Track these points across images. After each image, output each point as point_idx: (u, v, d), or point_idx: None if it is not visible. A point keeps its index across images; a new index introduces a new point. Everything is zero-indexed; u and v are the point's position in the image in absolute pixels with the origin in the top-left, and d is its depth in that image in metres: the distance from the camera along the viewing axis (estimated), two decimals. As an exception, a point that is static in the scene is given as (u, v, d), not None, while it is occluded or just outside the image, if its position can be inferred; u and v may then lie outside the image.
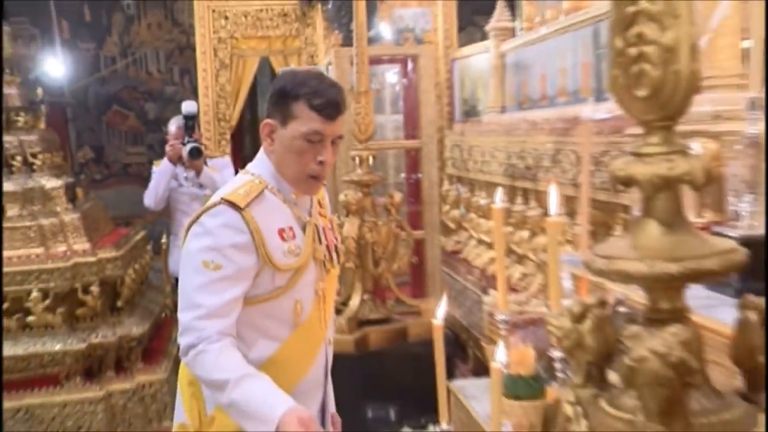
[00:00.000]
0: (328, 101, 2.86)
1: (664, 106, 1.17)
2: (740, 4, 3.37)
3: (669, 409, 1.13)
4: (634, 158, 1.22)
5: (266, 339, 2.90)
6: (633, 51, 1.16)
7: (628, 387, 1.19)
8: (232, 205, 2.77)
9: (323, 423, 3.10)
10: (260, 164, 2.97)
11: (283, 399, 2.68)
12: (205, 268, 2.74)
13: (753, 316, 1.23)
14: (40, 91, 7.75)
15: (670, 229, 1.21)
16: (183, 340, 2.76)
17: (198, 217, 2.83)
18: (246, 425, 2.72)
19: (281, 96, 2.88)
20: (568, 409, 1.24)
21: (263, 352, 2.89)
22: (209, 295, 2.74)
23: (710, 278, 1.22)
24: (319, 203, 3.12)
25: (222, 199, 2.79)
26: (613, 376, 1.28)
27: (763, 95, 2.74)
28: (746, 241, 2.49)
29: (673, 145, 1.21)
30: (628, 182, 1.23)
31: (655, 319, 1.21)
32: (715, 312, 2.21)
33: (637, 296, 1.20)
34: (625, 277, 1.20)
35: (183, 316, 2.77)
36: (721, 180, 2.78)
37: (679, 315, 1.23)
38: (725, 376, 1.81)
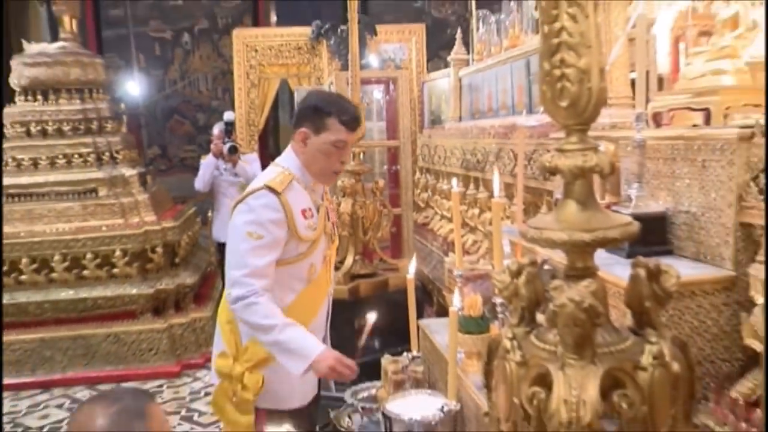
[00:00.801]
0: (352, 117, 2.93)
1: (580, 114, 1.14)
2: (628, 45, 3.35)
3: (581, 342, 1.10)
4: (558, 153, 1.19)
5: (288, 291, 2.91)
6: (557, 72, 1.13)
7: (551, 326, 1.16)
8: (272, 190, 2.80)
9: None
10: (288, 159, 2.96)
11: (317, 342, 2.78)
12: (250, 237, 2.76)
13: (641, 272, 1.21)
14: (122, 105, 7.88)
15: (584, 207, 1.18)
16: (234, 292, 2.76)
17: (244, 198, 2.84)
18: (285, 360, 2.77)
19: (316, 111, 2.90)
20: (507, 343, 1.21)
21: (286, 301, 2.89)
22: (254, 258, 2.75)
23: (613, 244, 1.19)
24: (325, 190, 3.12)
25: (264, 185, 2.80)
26: (540, 318, 1.26)
27: (644, 111, 2.72)
28: (635, 217, 2.46)
29: (587, 144, 1.18)
30: (553, 171, 1.20)
31: (572, 275, 1.18)
32: (612, 269, 2.19)
33: (559, 258, 1.18)
34: (551, 244, 1.17)
35: (234, 273, 2.77)
36: (618, 172, 2.75)
37: (590, 272, 1.20)
38: (618, 315, 1.79)
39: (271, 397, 2.95)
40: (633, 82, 3.37)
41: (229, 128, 6.81)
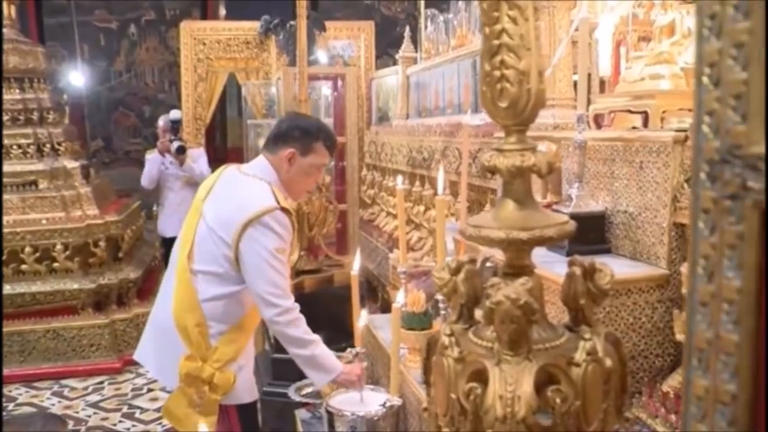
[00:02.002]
0: (335, 143, 3.17)
1: (519, 115, 1.16)
2: (572, 48, 3.40)
3: (517, 339, 1.12)
4: (497, 153, 1.20)
5: (249, 304, 2.98)
6: (497, 73, 1.14)
7: (488, 323, 1.18)
8: (287, 212, 2.88)
9: None
10: (267, 173, 3.01)
11: (338, 360, 2.91)
12: (279, 255, 2.85)
13: (577, 271, 1.23)
14: (65, 96, 7.72)
15: (522, 206, 1.20)
16: (276, 309, 2.86)
17: (258, 218, 2.83)
18: (312, 372, 2.90)
19: (304, 134, 3.01)
20: (445, 339, 1.22)
21: (245, 310, 3.00)
22: (283, 279, 2.87)
23: (550, 243, 1.21)
24: None
25: (280, 206, 2.85)
26: (479, 315, 1.27)
27: (585, 113, 2.77)
28: (574, 216, 2.51)
29: (525, 144, 1.19)
30: (492, 170, 1.21)
31: (509, 273, 1.20)
32: (552, 267, 2.23)
33: (501, 255, 1.20)
34: (489, 242, 1.19)
35: (271, 290, 2.85)
36: (559, 172, 2.79)
37: (527, 270, 1.22)
38: (558, 312, 1.83)
39: (232, 394, 2.98)
40: (576, 84, 3.43)
41: (176, 127, 6.72)
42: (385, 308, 4.75)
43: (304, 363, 2.88)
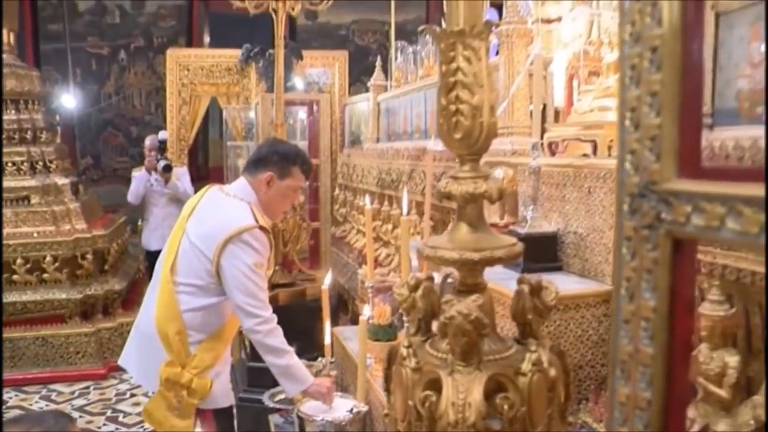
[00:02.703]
0: (310, 168, 3.21)
1: (472, 146, 1.19)
2: (529, 80, 3.46)
3: (468, 351, 1.14)
4: (452, 180, 1.23)
5: (229, 313, 2.99)
6: (453, 107, 1.18)
7: (442, 336, 1.20)
8: (265, 230, 2.89)
9: None
10: (246, 193, 3.03)
11: (310, 373, 2.90)
12: (257, 270, 2.86)
13: (525, 288, 1.26)
14: (57, 116, 7.68)
15: (475, 229, 1.23)
16: (256, 319, 2.85)
17: (238, 235, 2.84)
18: (285, 382, 2.89)
19: (285, 159, 3.05)
20: (403, 351, 1.25)
21: (223, 320, 3.00)
22: (261, 291, 2.87)
23: (499, 263, 1.24)
24: None
25: (258, 225, 2.87)
26: (436, 328, 1.30)
27: (539, 141, 2.81)
28: (529, 237, 2.56)
29: (478, 172, 1.22)
30: (448, 196, 1.24)
31: (462, 290, 1.23)
32: (508, 283, 2.26)
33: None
34: (444, 262, 1.22)
35: (251, 302, 2.85)
36: (516, 195, 2.83)
37: (479, 287, 1.25)
38: (512, 324, 1.85)
39: (209, 399, 2.98)
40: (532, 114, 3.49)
41: (163, 146, 6.71)
42: (355, 320, 4.74)
43: (278, 372, 2.88)
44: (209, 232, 2.90)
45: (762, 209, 0.51)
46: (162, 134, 6.82)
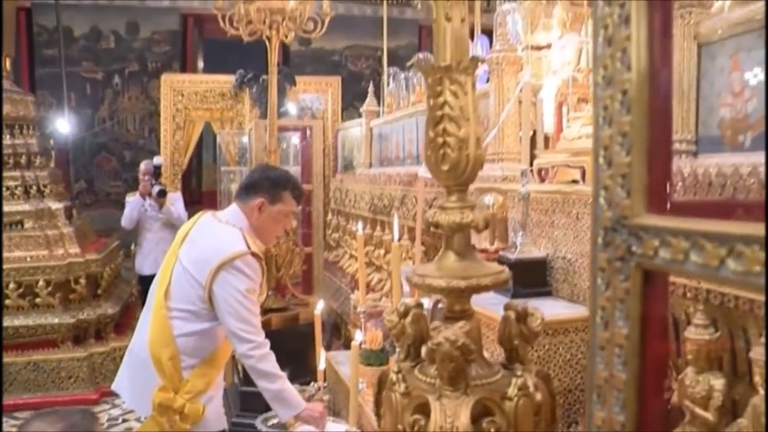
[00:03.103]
0: (301, 193, 3.22)
1: (459, 177, 1.22)
2: (518, 106, 3.51)
3: (455, 376, 1.17)
4: (440, 210, 1.27)
5: (221, 337, 3.00)
6: (440, 140, 1.21)
7: (431, 362, 1.23)
8: (257, 256, 2.90)
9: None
10: (239, 220, 3.05)
11: (302, 398, 2.92)
12: (250, 295, 2.87)
13: (511, 315, 1.29)
14: (51, 141, 7.69)
15: (462, 257, 1.26)
16: (249, 342, 2.86)
17: (230, 261, 2.86)
18: (278, 406, 2.89)
19: (275, 185, 3.08)
20: (393, 376, 1.28)
21: (216, 344, 3.00)
22: (254, 317, 2.88)
23: (486, 290, 1.27)
24: None
25: (250, 251, 2.88)
26: (424, 354, 1.32)
27: (528, 168, 2.86)
28: (518, 262, 2.60)
29: (465, 202, 1.26)
30: (436, 225, 1.28)
31: (450, 316, 1.26)
32: (498, 308, 2.28)
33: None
34: (431, 290, 1.25)
35: (244, 326, 2.86)
36: (505, 221, 2.87)
37: (467, 314, 1.28)
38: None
39: (201, 423, 2.98)
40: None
41: (158, 171, 6.75)
42: (348, 345, 4.74)
43: (271, 397, 2.90)
44: (201, 258, 2.93)
45: (723, 244, 0.55)
46: (157, 159, 6.86)
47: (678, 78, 2.39)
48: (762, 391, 1.72)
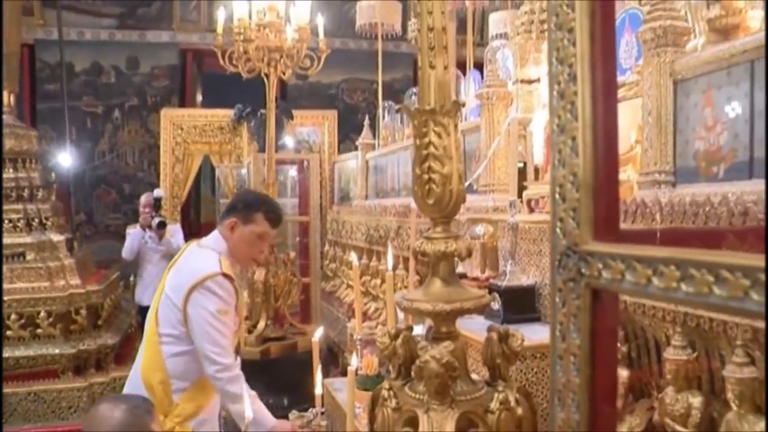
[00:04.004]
0: (277, 216, 3.23)
1: (443, 210, 1.34)
2: (507, 138, 3.64)
3: (441, 391, 1.28)
4: (426, 240, 1.38)
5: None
6: (426, 176, 1.33)
7: (419, 379, 1.34)
8: (229, 277, 2.98)
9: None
10: (217, 243, 3.16)
11: (271, 416, 3.06)
12: (220, 317, 2.95)
13: (494, 336, 1.40)
14: (53, 174, 7.78)
15: (447, 283, 1.37)
16: (218, 364, 2.94)
17: (201, 282, 2.95)
18: (251, 426, 2.91)
19: (247, 206, 3.16)
20: (384, 393, 1.38)
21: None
22: (224, 338, 2.96)
23: (469, 313, 1.38)
24: None
25: (222, 272, 2.96)
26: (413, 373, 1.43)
27: (517, 199, 2.98)
28: (508, 289, 2.71)
29: (449, 233, 1.38)
30: (423, 254, 1.39)
31: (437, 337, 1.37)
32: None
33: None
34: (419, 313, 1.36)
35: (215, 348, 2.94)
36: (496, 250, 2.98)
37: (452, 335, 1.39)
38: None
39: None
40: (518, 171, 3.67)
41: (158, 204, 6.88)
42: (345, 372, 4.79)
43: (239, 417, 2.97)
44: (179, 282, 3.04)
45: (649, 266, 0.67)
46: (157, 192, 7.00)
47: (657, 112, 2.53)
48: (735, 408, 1.83)
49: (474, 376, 1.49)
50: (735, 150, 2.19)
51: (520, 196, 3.37)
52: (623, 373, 2.36)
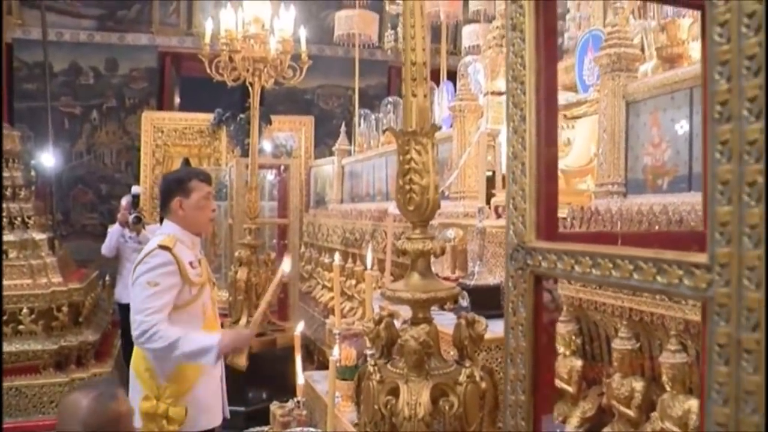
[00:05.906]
0: (205, 175, 3.55)
1: (421, 215, 1.60)
2: (477, 149, 3.91)
3: (418, 365, 1.54)
4: (407, 240, 1.64)
5: (191, 329, 3.25)
6: (407, 187, 1.59)
7: (400, 355, 1.60)
8: (164, 247, 3.23)
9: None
10: (168, 228, 3.44)
11: (210, 334, 3.22)
12: (148, 286, 3.16)
13: (462, 322, 1.66)
14: (33, 174, 7.90)
15: (424, 277, 1.63)
16: (138, 329, 3.12)
17: (142, 259, 3.24)
18: (200, 359, 3.15)
19: (180, 182, 3.44)
20: (370, 368, 1.64)
21: None
22: (151, 302, 3.14)
23: (442, 302, 1.64)
24: (201, 249, 3.62)
25: (157, 245, 3.23)
26: (394, 353, 1.68)
27: (484, 206, 3.24)
28: (476, 288, 2.97)
29: (426, 234, 1.64)
30: (404, 252, 1.65)
31: (415, 322, 1.63)
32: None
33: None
34: (400, 301, 1.62)
35: (137, 317, 3.14)
36: (465, 252, 3.25)
37: (427, 320, 1.65)
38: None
39: (188, 424, 3.28)
40: (487, 179, 3.93)
41: (136, 200, 7.08)
42: (321, 368, 5.08)
43: (185, 359, 3.19)
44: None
45: (573, 257, 0.94)
46: (135, 189, 7.22)
47: (611, 130, 2.82)
48: (668, 389, 2.12)
49: (445, 356, 1.75)
50: (677, 165, 2.49)
51: (488, 202, 3.64)
52: (578, 363, 2.65)
